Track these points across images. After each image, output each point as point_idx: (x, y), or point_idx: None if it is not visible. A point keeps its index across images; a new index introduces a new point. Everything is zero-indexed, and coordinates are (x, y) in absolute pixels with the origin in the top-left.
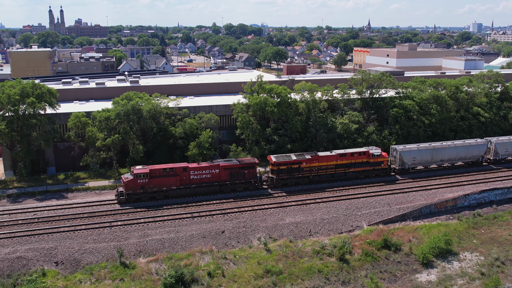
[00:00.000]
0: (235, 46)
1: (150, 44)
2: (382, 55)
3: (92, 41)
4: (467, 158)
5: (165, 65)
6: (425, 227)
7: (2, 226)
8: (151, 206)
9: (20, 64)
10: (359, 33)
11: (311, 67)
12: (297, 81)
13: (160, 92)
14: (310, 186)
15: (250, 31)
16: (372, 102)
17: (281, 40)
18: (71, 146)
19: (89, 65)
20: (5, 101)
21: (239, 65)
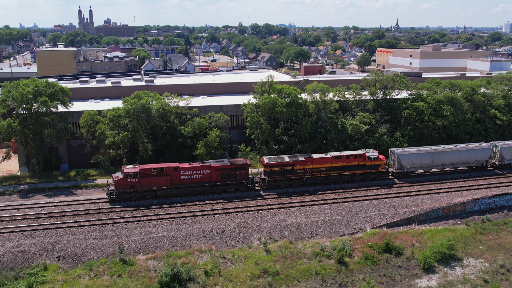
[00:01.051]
0: (259, 46)
1: (175, 44)
2: (405, 55)
3: (119, 41)
4: (470, 163)
5: (187, 64)
6: (430, 232)
7: (10, 220)
8: (154, 204)
9: (46, 63)
10: (385, 33)
11: (334, 67)
12: (311, 81)
13: (174, 91)
14: (304, 189)
15: (275, 31)
16: (385, 103)
17: (305, 40)
18: (83, 144)
19: (113, 64)
20: (18, 99)
21: (261, 65)
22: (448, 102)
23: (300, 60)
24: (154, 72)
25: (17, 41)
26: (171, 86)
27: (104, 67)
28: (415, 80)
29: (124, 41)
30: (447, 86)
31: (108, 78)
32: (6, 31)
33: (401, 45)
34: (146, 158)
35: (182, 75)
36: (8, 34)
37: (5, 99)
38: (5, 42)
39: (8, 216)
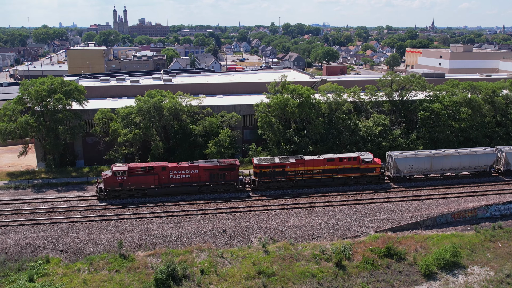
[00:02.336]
0: (288, 45)
1: (205, 43)
2: (434, 56)
3: (151, 40)
4: (473, 168)
5: (214, 64)
6: (437, 237)
7: (19, 214)
8: (159, 201)
9: (76, 62)
10: (418, 33)
11: (363, 67)
12: (331, 81)
13: (191, 90)
14: (295, 191)
15: (307, 30)
16: (402, 105)
17: (336, 40)
18: (98, 141)
19: (141, 63)
20: (33, 97)
21: (288, 65)
22: (466, 104)
23: (328, 60)
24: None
25: (53, 40)
26: (188, 85)
27: (132, 66)
28: (437, 82)
29: (156, 41)
30: (466, 88)
31: (133, 76)
32: (43, 30)
33: (433, 46)
34: (157, 156)
35: (201, 75)
36: (45, 33)
37: (21, 96)
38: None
39: (18, 209)
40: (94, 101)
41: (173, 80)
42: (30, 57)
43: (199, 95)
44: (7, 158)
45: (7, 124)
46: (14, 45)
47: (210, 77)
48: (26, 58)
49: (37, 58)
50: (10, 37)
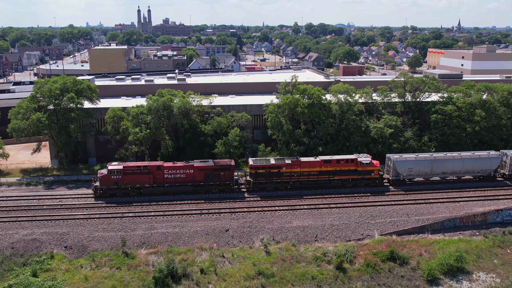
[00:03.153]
0: (309, 45)
1: (226, 43)
2: (457, 57)
3: (173, 40)
4: (476, 172)
5: (233, 63)
6: (443, 242)
7: (28, 209)
8: (165, 200)
9: (98, 61)
10: (443, 34)
11: (384, 68)
12: (343, 82)
13: (205, 90)
14: (291, 192)
15: (330, 30)
16: (415, 106)
17: (358, 40)
18: (109, 139)
19: (161, 62)
20: (46, 95)
21: (308, 65)
22: (481, 106)
23: (349, 60)
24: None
25: (78, 39)
26: (201, 85)
27: (152, 65)
28: (454, 83)
29: (178, 40)
30: (481, 89)
31: (149, 76)
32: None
33: (457, 46)
34: (167, 155)
35: (217, 74)
36: (70, 33)
37: (35, 95)
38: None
39: (27, 205)
40: (108, 100)
41: (187, 79)
42: (55, 56)
43: (212, 94)
44: (23, 155)
45: (20, 122)
46: (40, 44)
47: (224, 77)
48: (51, 57)
49: (62, 57)
50: (37, 37)
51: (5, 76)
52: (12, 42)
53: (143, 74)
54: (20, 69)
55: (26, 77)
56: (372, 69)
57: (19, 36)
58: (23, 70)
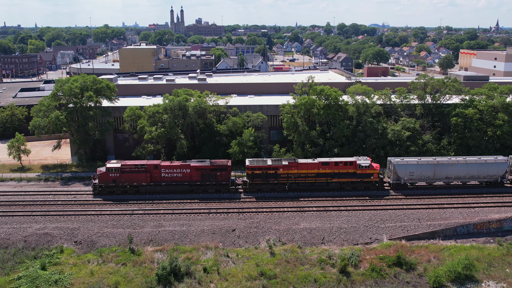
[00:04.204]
0: (339, 46)
1: (256, 43)
2: (489, 58)
3: (204, 40)
4: (482, 177)
5: (261, 64)
6: (454, 248)
7: (43, 204)
8: (173, 198)
9: (127, 60)
10: (479, 34)
11: (415, 69)
12: (363, 83)
13: (224, 90)
14: (288, 194)
15: (362, 31)
16: (435, 109)
17: (390, 40)
18: (127, 137)
19: (189, 62)
20: (66, 93)
21: (337, 65)
22: (504, 109)
23: (379, 61)
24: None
25: (111, 39)
26: (221, 84)
27: (180, 64)
28: (481, 85)
29: (209, 40)
30: (505, 91)
31: (177, 75)
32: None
33: (492, 47)
34: (182, 154)
35: (238, 74)
36: (103, 33)
37: (56, 93)
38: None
39: (42, 200)
40: (129, 99)
41: (207, 79)
42: (88, 56)
43: (231, 94)
44: (47, 152)
45: (40, 119)
46: (75, 44)
47: (245, 77)
48: (84, 56)
49: (95, 57)
50: (72, 36)
51: (39, 74)
52: (48, 41)
53: (169, 74)
54: (54, 67)
55: (58, 76)
56: (402, 70)
57: (55, 36)
58: (56, 69)
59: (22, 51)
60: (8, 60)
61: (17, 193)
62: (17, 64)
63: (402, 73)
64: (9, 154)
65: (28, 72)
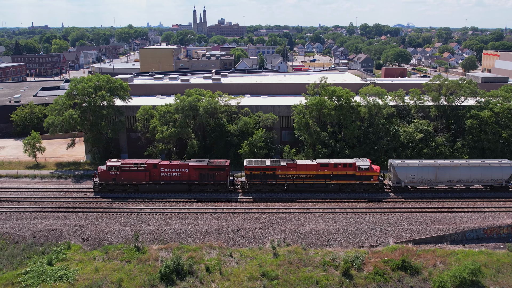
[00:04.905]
0: (361, 46)
1: (277, 44)
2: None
3: (226, 40)
4: (485, 182)
5: (280, 64)
6: (462, 253)
7: (54, 201)
8: (182, 197)
9: (148, 60)
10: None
11: (437, 70)
12: (378, 84)
13: (238, 90)
14: (286, 195)
15: (386, 31)
16: (450, 111)
17: (413, 41)
18: (140, 136)
19: (208, 62)
20: (80, 92)
21: (357, 66)
22: None
23: (400, 62)
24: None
25: (134, 39)
26: (235, 85)
27: (200, 64)
28: (498, 87)
29: (230, 40)
30: None
31: (195, 75)
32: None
33: None
34: (192, 153)
35: (253, 75)
36: (126, 33)
37: (70, 92)
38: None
39: (53, 197)
40: (143, 98)
41: (222, 79)
42: (111, 55)
43: (245, 95)
44: (64, 150)
45: (55, 117)
46: (99, 43)
47: (260, 78)
48: (107, 56)
49: (117, 56)
50: (96, 36)
51: (62, 73)
52: (73, 41)
53: (187, 74)
54: (76, 67)
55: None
56: (424, 71)
57: (79, 36)
58: (79, 68)
59: (47, 51)
60: (32, 59)
61: (30, 190)
62: (41, 63)
63: (424, 74)
64: (24, 152)
65: (51, 71)
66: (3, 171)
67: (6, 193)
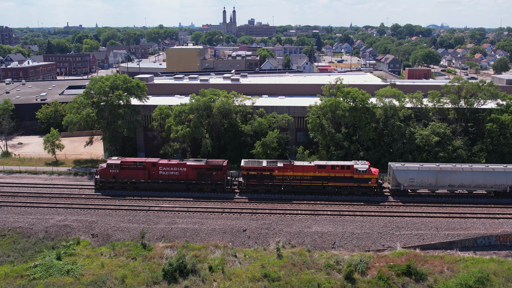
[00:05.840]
0: (390, 47)
1: (305, 44)
2: None
3: (254, 40)
4: (488, 187)
5: (305, 64)
6: (471, 260)
7: (67, 197)
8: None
9: (174, 60)
10: None
11: (467, 72)
12: (398, 85)
13: (256, 90)
14: (284, 196)
15: (417, 32)
16: (470, 113)
17: (444, 42)
18: (156, 135)
19: (233, 62)
20: (97, 92)
21: (384, 67)
22: None
23: (429, 63)
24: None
25: (164, 39)
26: (253, 85)
27: (225, 65)
28: None
29: (258, 41)
30: None
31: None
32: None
33: None
34: (206, 153)
35: (272, 75)
36: (156, 33)
37: (88, 91)
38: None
39: (68, 193)
40: (162, 98)
41: (241, 80)
42: (140, 55)
43: (263, 95)
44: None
45: (73, 115)
46: (129, 43)
47: (279, 78)
48: (136, 55)
49: (146, 56)
50: (126, 36)
51: (91, 72)
52: (104, 41)
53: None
54: (106, 66)
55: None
56: (453, 73)
57: (110, 36)
58: (108, 68)
59: (78, 50)
60: (63, 58)
61: (46, 186)
62: (71, 62)
63: (453, 75)
64: (44, 148)
65: (81, 70)
66: (23, 167)
67: (24, 188)
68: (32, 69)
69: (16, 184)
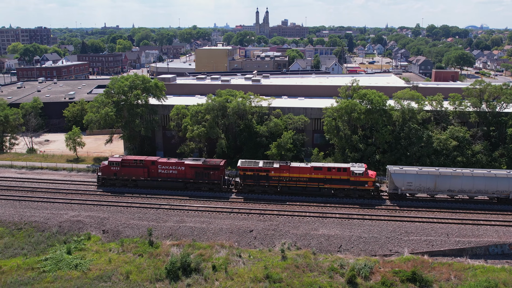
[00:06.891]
0: (422, 48)
1: (336, 45)
2: None
3: (285, 41)
4: (490, 193)
5: (334, 65)
6: (481, 269)
7: (83, 194)
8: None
9: (203, 60)
10: None
11: (503, 74)
12: (420, 88)
13: (276, 91)
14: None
15: (454, 33)
16: (492, 117)
17: (481, 43)
18: (174, 135)
19: (261, 63)
20: (117, 91)
21: (415, 68)
22: None
23: (462, 64)
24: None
25: (197, 39)
26: (273, 86)
27: (253, 65)
28: None
29: (290, 41)
30: None
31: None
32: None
33: None
34: (221, 153)
35: (294, 76)
36: (188, 33)
37: (109, 90)
38: (185, 41)
39: (83, 190)
40: (182, 98)
41: (262, 81)
42: (172, 55)
43: (282, 96)
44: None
45: (93, 114)
46: (162, 44)
47: (299, 79)
48: (168, 56)
49: (178, 56)
50: (159, 37)
51: (122, 72)
52: (138, 41)
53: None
54: (137, 66)
55: None
56: (488, 75)
57: (144, 36)
58: (140, 68)
59: (112, 50)
60: (96, 58)
61: (64, 182)
62: (103, 62)
63: (487, 78)
64: (66, 146)
65: (113, 70)
66: (45, 164)
67: (42, 184)
68: (65, 68)
69: (36, 179)
